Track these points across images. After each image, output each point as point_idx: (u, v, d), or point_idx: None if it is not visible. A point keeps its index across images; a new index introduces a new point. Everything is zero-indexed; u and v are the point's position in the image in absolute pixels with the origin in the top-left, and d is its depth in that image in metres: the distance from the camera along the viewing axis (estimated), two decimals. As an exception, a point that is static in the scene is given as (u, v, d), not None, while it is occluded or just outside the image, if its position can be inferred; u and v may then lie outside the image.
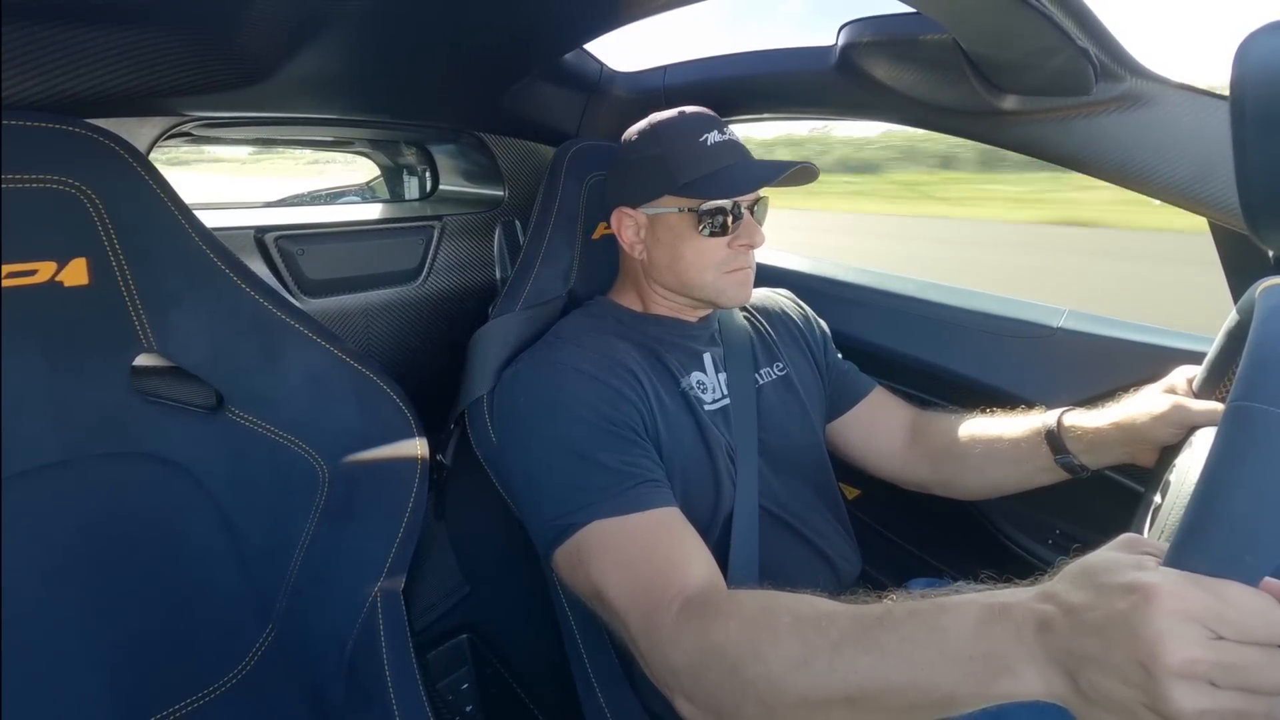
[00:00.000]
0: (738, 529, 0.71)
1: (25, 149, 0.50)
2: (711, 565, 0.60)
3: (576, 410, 0.66)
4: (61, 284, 0.52)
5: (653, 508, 0.61)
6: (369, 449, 0.66)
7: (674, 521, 0.62)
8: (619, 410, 0.67)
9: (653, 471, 0.65)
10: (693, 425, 0.72)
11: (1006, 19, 0.62)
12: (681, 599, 0.54)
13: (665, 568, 0.57)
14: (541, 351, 0.74)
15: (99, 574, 0.56)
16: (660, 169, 0.73)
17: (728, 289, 0.75)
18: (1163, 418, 0.63)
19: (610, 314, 0.80)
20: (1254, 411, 0.34)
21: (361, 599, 0.65)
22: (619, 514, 0.60)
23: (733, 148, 0.73)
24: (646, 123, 0.77)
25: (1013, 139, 0.81)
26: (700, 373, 0.77)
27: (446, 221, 1.12)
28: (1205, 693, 0.32)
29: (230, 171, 3.15)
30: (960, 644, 0.40)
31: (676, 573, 0.57)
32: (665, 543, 0.60)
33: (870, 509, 1.06)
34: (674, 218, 0.74)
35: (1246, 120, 0.43)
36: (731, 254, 0.74)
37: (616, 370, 0.70)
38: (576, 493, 0.63)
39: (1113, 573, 0.36)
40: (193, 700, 0.60)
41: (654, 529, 0.60)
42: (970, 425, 0.82)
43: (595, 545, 0.61)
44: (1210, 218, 0.72)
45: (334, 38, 0.69)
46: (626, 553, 0.59)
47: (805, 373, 0.86)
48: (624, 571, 0.59)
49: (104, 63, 0.61)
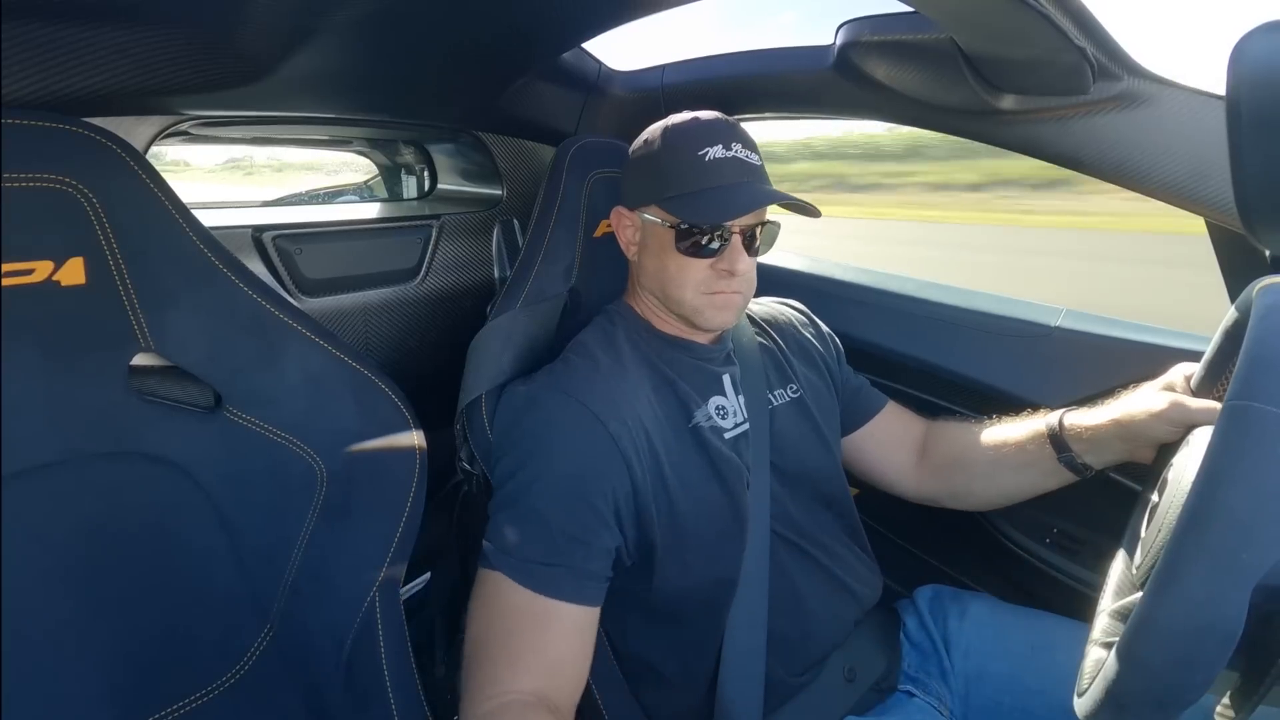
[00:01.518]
0: (748, 555, 0.70)
1: (22, 148, 0.50)
2: (556, 681, 0.61)
3: (558, 465, 0.65)
4: (59, 283, 0.52)
5: (554, 597, 0.61)
6: (368, 449, 0.66)
7: (561, 621, 0.62)
8: (600, 479, 0.65)
9: (592, 563, 0.64)
10: (704, 461, 0.71)
11: (1004, 19, 0.62)
12: (495, 698, 0.58)
13: (506, 663, 0.60)
14: (556, 374, 0.72)
15: (96, 574, 0.56)
16: (654, 175, 0.71)
17: (704, 310, 0.71)
18: (1160, 415, 0.63)
19: (629, 327, 0.77)
20: (1251, 410, 0.34)
21: (360, 599, 0.65)
22: (520, 582, 0.62)
23: (733, 166, 0.68)
24: (661, 122, 0.74)
25: (1010, 138, 0.81)
26: (720, 397, 0.75)
27: (445, 221, 1.11)
28: None
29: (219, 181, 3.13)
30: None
31: (509, 673, 0.59)
32: (529, 639, 0.61)
33: (869, 509, 1.06)
34: (660, 229, 0.72)
35: (1242, 120, 0.43)
36: (713, 276, 0.70)
37: (621, 418, 0.67)
38: (509, 536, 0.64)
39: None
40: (191, 700, 0.60)
41: (534, 619, 0.61)
42: (975, 433, 0.82)
43: (488, 592, 0.63)
44: (1208, 217, 0.72)
45: (332, 37, 0.69)
46: (493, 623, 0.62)
47: (819, 391, 0.84)
48: (480, 636, 0.62)
49: (101, 61, 0.61)
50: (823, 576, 0.76)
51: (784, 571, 0.73)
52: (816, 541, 0.77)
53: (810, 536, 0.77)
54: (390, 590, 0.66)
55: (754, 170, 0.69)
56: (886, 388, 1.03)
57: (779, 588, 0.72)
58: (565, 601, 0.62)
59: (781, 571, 0.73)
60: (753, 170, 0.69)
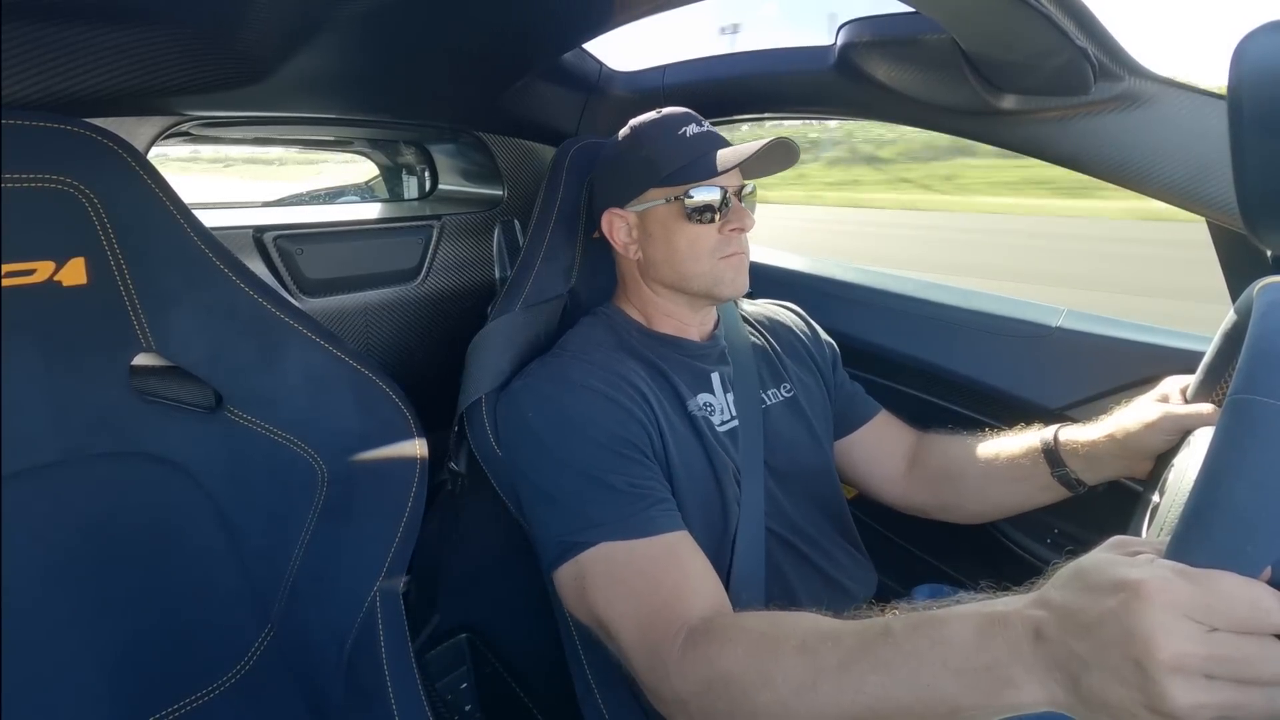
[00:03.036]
0: (741, 552, 0.70)
1: (23, 148, 0.50)
2: (717, 589, 0.60)
3: (587, 430, 0.66)
4: (60, 283, 0.52)
5: (660, 532, 0.61)
6: (368, 449, 0.66)
7: (680, 546, 0.62)
8: (628, 430, 0.66)
9: (661, 492, 0.65)
10: (700, 449, 0.72)
11: (1005, 19, 0.62)
12: (686, 629, 0.55)
13: (670, 599, 0.57)
14: (551, 365, 0.73)
15: (97, 573, 0.56)
16: (643, 164, 0.73)
17: (724, 275, 0.74)
18: (1154, 426, 0.64)
19: (619, 326, 0.79)
20: (1254, 404, 0.34)
21: (360, 598, 0.65)
22: (626, 538, 0.61)
23: (710, 138, 0.74)
24: (627, 126, 0.78)
25: (1011, 139, 0.81)
26: (708, 394, 0.76)
27: (445, 221, 1.12)
28: (1201, 686, 0.32)
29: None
30: (963, 656, 0.39)
31: (681, 603, 0.57)
32: (670, 571, 0.60)
33: (868, 508, 1.06)
34: (662, 210, 0.74)
35: (1244, 120, 0.43)
36: (724, 239, 0.73)
37: (625, 389, 0.69)
38: (585, 513, 0.63)
39: (1102, 571, 0.36)
40: (191, 699, 0.60)
41: (660, 556, 0.60)
42: (967, 446, 0.82)
43: (600, 570, 0.61)
44: (1209, 217, 0.72)
45: (333, 37, 0.69)
46: (631, 583, 0.59)
47: (813, 393, 0.85)
48: (628, 604, 0.59)
49: (102, 61, 0.61)
50: (816, 574, 0.77)
51: (778, 569, 0.74)
52: (810, 540, 0.77)
53: (804, 535, 0.77)
54: (391, 590, 0.66)
55: (724, 139, 0.75)
56: (886, 388, 1.03)
57: (774, 585, 0.72)
58: (672, 532, 0.62)
59: (775, 569, 0.73)
60: (724, 139, 0.75)
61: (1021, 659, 0.37)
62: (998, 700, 0.38)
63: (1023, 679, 0.37)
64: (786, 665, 0.47)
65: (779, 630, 0.49)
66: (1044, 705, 0.37)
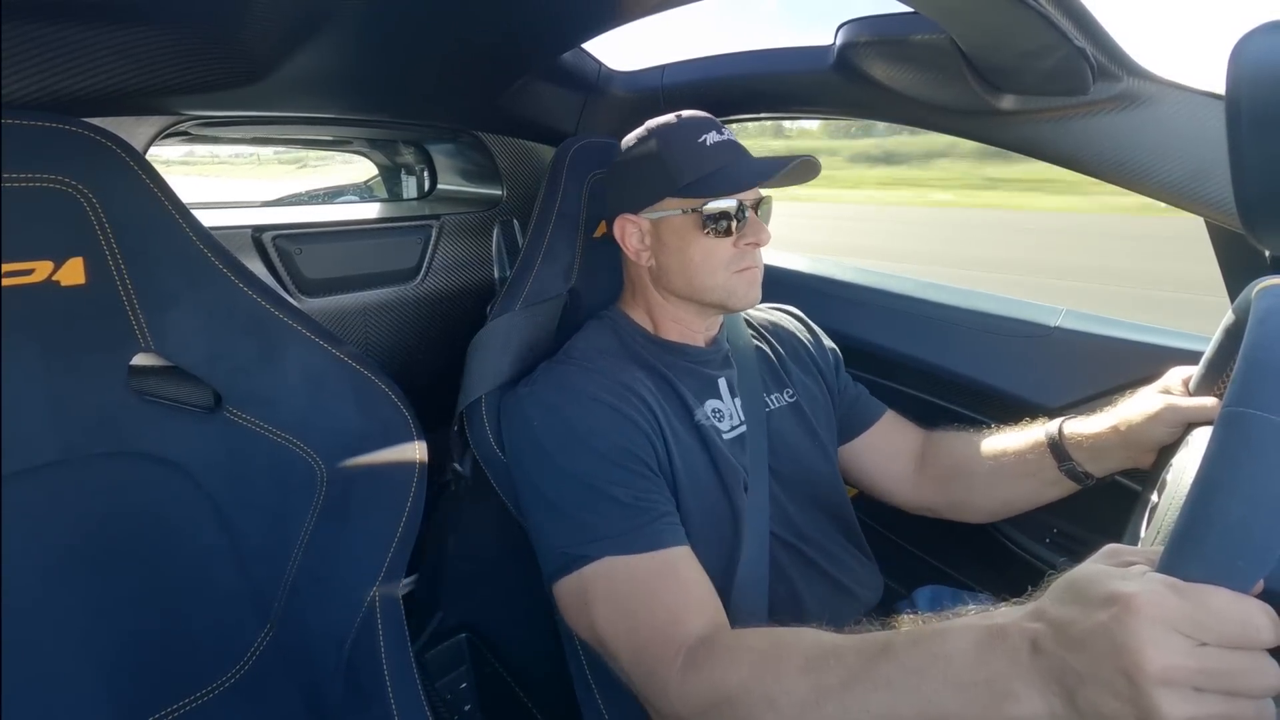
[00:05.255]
0: (746, 558, 0.70)
1: (22, 148, 0.50)
2: (716, 605, 0.60)
3: (591, 441, 0.65)
4: (58, 283, 0.52)
5: (662, 548, 0.61)
6: (367, 449, 0.66)
7: (681, 563, 0.61)
8: (633, 443, 0.66)
9: (664, 506, 0.64)
10: (706, 459, 0.71)
11: (1004, 18, 0.62)
12: (684, 651, 0.54)
13: (668, 621, 0.57)
14: (557, 374, 0.73)
15: (97, 573, 0.56)
16: (660, 172, 0.72)
17: (738, 289, 0.73)
18: (1157, 418, 0.64)
19: (625, 332, 0.78)
20: (1248, 418, 0.34)
21: (360, 598, 0.65)
22: (628, 553, 0.60)
23: (731, 147, 0.73)
24: (644, 128, 0.76)
25: (1010, 138, 0.81)
26: (716, 400, 0.76)
27: (444, 221, 1.11)
28: (1190, 699, 0.32)
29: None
30: (963, 670, 0.40)
31: (678, 625, 0.57)
32: (670, 588, 0.60)
33: (869, 509, 1.06)
34: (678, 220, 0.73)
35: (1242, 120, 0.43)
36: (739, 253, 0.72)
37: (631, 400, 0.68)
38: (588, 526, 0.62)
39: (1095, 584, 0.36)
40: (191, 699, 0.60)
41: (660, 573, 0.60)
42: (975, 443, 0.81)
43: (601, 586, 0.60)
44: (1207, 217, 0.72)
45: (332, 37, 0.69)
46: (630, 601, 0.59)
47: (816, 397, 0.84)
48: (627, 622, 0.59)
49: (101, 61, 0.61)
50: (822, 579, 0.76)
51: (783, 574, 0.73)
52: (815, 544, 0.77)
53: (809, 539, 0.77)
54: (390, 590, 0.66)
55: (744, 149, 0.74)
56: (886, 388, 1.03)
57: (778, 590, 0.72)
58: (674, 546, 0.62)
59: (781, 574, 0.73)
60: (743, 149, 0.74)
61: (1021, 672, 0.38)
62: (999, 713, 0.38)
63: (1023, 692, 0.37)
64: (790, 685, 0.47)
65: (781, 649, 0.49)
66: (1044, 718, 0.37)
